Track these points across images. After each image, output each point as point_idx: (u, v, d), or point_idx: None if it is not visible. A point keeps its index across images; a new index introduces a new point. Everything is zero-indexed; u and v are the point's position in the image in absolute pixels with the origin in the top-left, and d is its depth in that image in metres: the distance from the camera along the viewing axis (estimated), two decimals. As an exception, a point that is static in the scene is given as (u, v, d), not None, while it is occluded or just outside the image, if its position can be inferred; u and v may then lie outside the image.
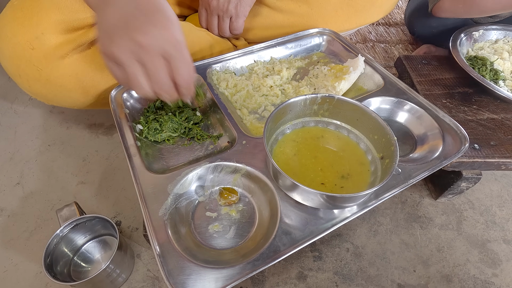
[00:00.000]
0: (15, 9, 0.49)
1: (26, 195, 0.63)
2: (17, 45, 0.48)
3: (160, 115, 0.51)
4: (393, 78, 0.58)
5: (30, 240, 0.57)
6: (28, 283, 0.52)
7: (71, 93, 0.55)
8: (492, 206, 0.65)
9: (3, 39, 0.49)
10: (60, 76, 0.52)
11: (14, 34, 0.48)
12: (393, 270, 0.54)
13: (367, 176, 0.43)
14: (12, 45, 0.49)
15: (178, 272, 0.34)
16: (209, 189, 0.45)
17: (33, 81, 0.52)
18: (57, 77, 0.52)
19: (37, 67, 0.50)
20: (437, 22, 0.83)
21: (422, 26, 0.88)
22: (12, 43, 0.49)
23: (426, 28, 0.86)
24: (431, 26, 0.85)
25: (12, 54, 0.50)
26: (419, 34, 0.91)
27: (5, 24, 0.49)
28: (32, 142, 0.72)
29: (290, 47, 0.67)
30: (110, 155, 0.70)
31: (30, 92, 0.55)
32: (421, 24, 0.88)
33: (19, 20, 0.48)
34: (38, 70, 0.50)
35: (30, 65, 0.50)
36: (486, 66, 0.67)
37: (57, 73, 0.51)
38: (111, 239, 0.54)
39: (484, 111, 0.60)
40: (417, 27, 0.90)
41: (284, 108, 0.44)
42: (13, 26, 0.48)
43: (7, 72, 0.53)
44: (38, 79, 0.51)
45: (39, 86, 0.53)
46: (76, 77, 0.53)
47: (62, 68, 0.51)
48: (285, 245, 0.37)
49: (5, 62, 0.51)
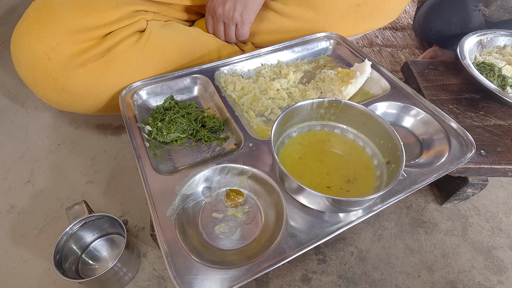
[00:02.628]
0: (32, 21, 0.51)
1: (36, 193, 0.64)
2: (33, 56, 0.50)
3: (169, 115, 0.52)
4: (399, 83, 0.58)
5: (39, 237, 0.58)
6: (36, 279, 0.53)
7: (85, 101, 0.57)
8: (498, 213, 0.64)
9: (20, 50, 0.51)
10: (75, 85, 0.54)
11: (30, 45, 0.50)
12: (397, 275, 0.54)
13: (373, 181, 0.43)
14: (29, 56, 0.51)
15: (185, 272, 0.35)
16: (215, 191, 0.45)
17: (49, 90, 0.54)
18: (72, 86, 0.54)
19: (53, 76, 0.52)
20: (457, 17, 0.82)
21: (441, 21, 0.86)
22: (29, 53, 0.51)
23: (445, 24, 0.85)
24: (451, 22, 0.84)
25: (29, 64, 0.51)
26: (436, 30, 0.88)
27: (22, 35, 0.51)
28: (42, 141, 0.74)
29: (297, 51, 0.68)
30: (118, 155, 0.71)
31: (46, 99, 0.57)
32: (440, 19, 0.86)
33: (36, 31, 0.50)
34: (54, 80, 0.52)
35: (46, 74, 0.52)
36: (494, 72, 0.67)
37: (72, 82, 0.53)
38: (119, 238, 0.55)
39: (491, 117, 0.60)
40: (435, 23, 0.87)
41: (291, 112, 0.45)
42: (29, 37, 0.50)
43: (24, 81, 0.55)
44: (53, 88, 0.53)
45: (55, 95, 0.55)
46: (91, 85, 0.54)
47: (77, 77, 0.53)
48: (291, 247, 0.38)
49: (22, 72, 0.53)
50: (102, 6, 0.54)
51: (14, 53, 0.52)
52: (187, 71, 0.60)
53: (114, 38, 0.54)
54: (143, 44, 0.57)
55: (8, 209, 0.62)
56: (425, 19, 0.92)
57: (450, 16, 0.84)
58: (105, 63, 0.54)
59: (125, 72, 0.56)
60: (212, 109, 0.57)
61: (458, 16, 0.82)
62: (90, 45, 0.53)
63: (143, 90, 0.56)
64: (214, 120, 0.53)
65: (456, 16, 0.82)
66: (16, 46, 0.51)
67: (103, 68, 0.54)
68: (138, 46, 0.56)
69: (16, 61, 0.52)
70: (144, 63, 0.57)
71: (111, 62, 0.54)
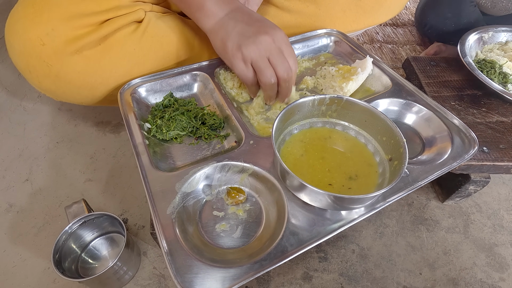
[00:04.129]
0: (27, 5, 0.50)
1: (34, 191, 0.64)
2: (27, 41, 0.49)
3: (168, 113, 0.51)
4: (401, 79, 0.58)
5: (38, 236, 0.57)
6: (36, 279, 0.52)
7: (80, 90, 0.55)
8: (500, 210, 0.64)
9: (14, 35, 0.50)
10: (70, 73, 0.52)
11: (25, 30, 0.49)
12: (399, 272, 0.54)
13: (375, 178, 0.43)
14: (22, 41, 0.49)
15: (185, 271, 0.35)
16: (216, 188, 0.45)
17: (43, 77, 0.53)
18: (66, 74, 0.52)
19: (47, 63, 0.50)
20: (452, 12, 0.82)
21: (436, 16, 0.86)
22: (23, 39, 0.49)
23: (440, 19, 0.85)
24: (445, 17, 0.84)
25: (22, 50, 0.50)
26: (431, 25, 0.88)
27: (16, 20, 0.50)
28: (40, 139, 0.73)
29: (297, 47, 0.67)
30: (117, 153, 0.70)
31: (40, 88, 0.55)
32: (435, 14, 0.86)
33: (30, 16, 0.49)
34: (48, 66, 0.51)
35: (40, 61, 0.50)
36: (495, 69, 0.66)
37: (66, 69, 0.52)
38: (118, 236, 0.55)
39: (494, 113, 0.60)
40: (430, 17, 0.88)
41: (292, 109, 0.44)
42: (24, 22, 0.49)
43: (17, 68, 0.54)
44: (47, 75, 0.52)
45: (49, 82, 0.53)
46: (86, 73, 0.53)
47: (72, 64, 0.51)
48: (292, 245, 0.37)
49: (15, 58, 0.52)
50: None
51: (8, 39, 0.51)
52: (186, 68, 0.59)
53: (111, 26, 0.53)
54: (141, 34, 0.55)
55: (7, 207, 0.61)
56: (421, 13, 0.92)
57: (445, 11, 0.84)
58: (102, 51, 0.53)
59: (122, 62, 0.54)
60: (212, 106, 0.57)
61: (453, 11, 0.82)
62: (86, 31, 0.51)
63: (142, 87, 0.56)
64: (214, 117, 0.53)
65: (450, 11, 0.82)
66: (10, 32, 0.50)
67: (99, 56, 0.53)
68: (135, 35, 0.55)
69: (10, 48, 0.51)
70: (142, 53, 0.56)
71: (107, 50, 0.53)
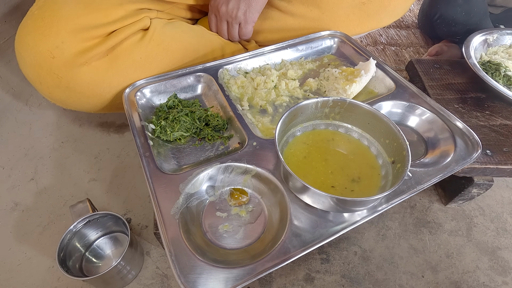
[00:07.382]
0: (36, 19, 0.51)
1: (40, 190, 0.64)
2: (38, 54, 0.50)
3: (172, 114, 0.52)
4: (404, 82, 0.58)
5: (43, 234, 0.58)
6: (40, 277, 0.53)
7: (89, 99, 0.57)
8: (503, 213, 0.64)
9: (25, 48, 0.51)
10: (80, 84, 0.54)
11: (35, 43, 0.50)
12: (401, 275, 0.54)
13: (377, 180, 0.43)
14: (33, 54, 0.51)
15: (189, 271, 0.35)
16: (219, 189, 0.45)
17: (53, 88, 0.54)
18: (76, 84, 0.54)
19: (57, 75, 0.52)
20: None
21: (447, 3, 0.85)
22: (33, 52, 0.51)
23: (451, 5, 0.83)
24: (456, 3, 0.82)
25: (33, 63, 0.51)
26: (441, 13, 0.86)
27: (26, 34, 0.51)
28: (46, 138, 0.74)
29: (301, 49, 0.68)
30: (121, 153, 0.71)
31: (50, 98, 0.57)
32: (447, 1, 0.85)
33: (40, 29, 0.50)
34: (58, 78, 0.52)
35: (50, 73, 0.52)
36: (500, 72, 0.66)
37: (76, 80, 0.53)
38: (122, 236, 0.55)
39: (497, 117, 0.60)
40: (441, 5, 0.86)
41: (295, 111, 0.44)
42: (34, 36, 0.50)
43: (28, 79, 0.55)
44: (58, 86, 0.53)
45: (59, 93, 0.55)
46: (94, 83, 0.54)
47: (81, 75, 0.53)
48: (295, 247, 0.37)
49: (26, 70, 0.53)
50: (106, 4, 0.54)
51: (19, 51, 0.52)
52: (190, 69, 0.59)
53: (118, 37, 0.54)
54: (147, 42, 0.57)
55: (12, 206, 0.62)
56: (431, 2, 0.90)
57: None
58: (109, 61, 0.54)
59: (129, 70, 0.56)
60: (215, 107, 0.57)
61: None
62: (94, 43, 0.53)
63: (146, 88, 0.56)
64: (218, 118, 0.53)
65: None
66: (20, 45, 0.52)
67: (107, 66, 0.54)
68: (141, 44, 0.56)
69: (21, 60, 0.53)
70: (148, 61, 0.57)
71: (115, 60, 0.54)
